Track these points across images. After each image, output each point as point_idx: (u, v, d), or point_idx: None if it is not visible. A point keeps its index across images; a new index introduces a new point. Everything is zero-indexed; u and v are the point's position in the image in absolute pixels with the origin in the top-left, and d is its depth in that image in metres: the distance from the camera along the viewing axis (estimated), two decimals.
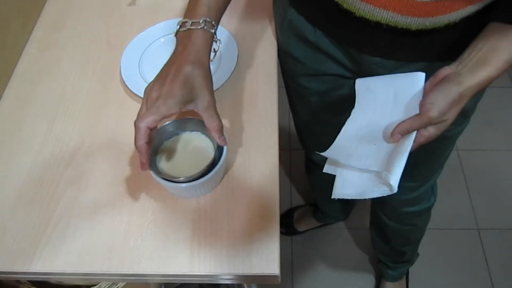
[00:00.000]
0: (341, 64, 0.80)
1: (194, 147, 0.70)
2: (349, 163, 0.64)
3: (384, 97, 0.66)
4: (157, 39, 0.90)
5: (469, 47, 0.60)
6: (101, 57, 0.88)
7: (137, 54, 0.87)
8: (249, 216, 0.67)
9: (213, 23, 0.66)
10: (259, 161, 0.73)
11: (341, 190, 0.65)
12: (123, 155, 0.74)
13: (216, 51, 0.69)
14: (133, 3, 0.98)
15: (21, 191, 0.71)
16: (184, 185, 0.65)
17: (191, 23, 0.64)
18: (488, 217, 1.65)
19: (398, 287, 1.49)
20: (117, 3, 0.98)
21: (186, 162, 0.68)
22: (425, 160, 0.92)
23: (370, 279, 1.55)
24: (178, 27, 0.66)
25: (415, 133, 0.61)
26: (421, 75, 0.63)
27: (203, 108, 0.63)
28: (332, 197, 0.65)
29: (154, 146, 0.67)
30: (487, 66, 0.58)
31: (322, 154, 0.66)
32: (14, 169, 0.73)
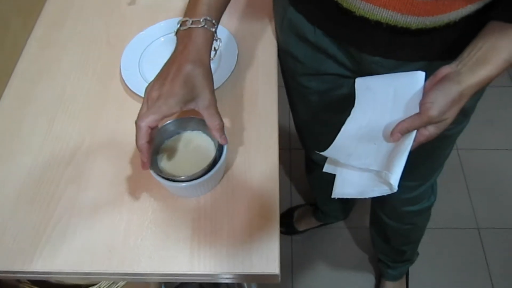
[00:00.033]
0: (341, 63, 0.80)
1: (195, 146, 0.70)
2: (349, 163, 0.64)
3: (384, 96, 0.66)
4: (157, 38, 0.90)
5: (469, 46, 0.60)
6: (101, 56, 0.88)
7: (137, 53, 0.87)
8: (249, 215, 0.67)
9: (214, 21, 0.66)
10: (259, 161, 0.73)
11: (341, 189, 0.65)
12: (123, 154, 0.74)
13: (216, 50, 0.69)
14: (133, 2, 0.98)
15: (21, 190, 0.71)
16: (184, 185, 0.65)
17: (191, 22, 0.64)
18: (488, 217, 1.65)
19: (398, 286, 1.49)
20: (117, 3, 0.98)
21: (187, 161, 0.68)
22: (425, 159, 0.92)
23: (370, 278, 1.55)
24: (178, 26, 0.66)
25: (415, 132, 0.61)
26: (421, 74, 0.63)
27: (204, 107, 0.63)
28: (332, 196, 0.65)
29: (155, 145, 0.67)
30: (487, 65, 0.58)
31: (322, 153, 0.66)
32: (14, 168, 0.73)
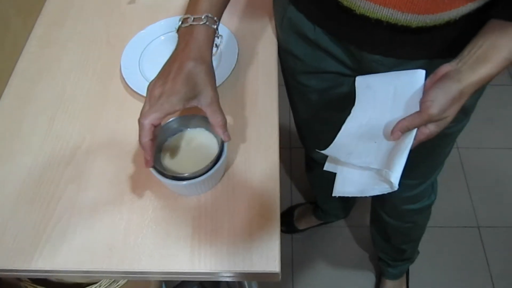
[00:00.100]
0: (341, 61, 0.80)
1: (198, 143, 0.70)
2: (350, 161, 0.64)
3: (384, 94, 0.66)
4: (157, 37, 0.90)
5: (469, 45, 0.60)
6: (101, 55, 0.88)
7: (137, 52, 0.87)
8: (249, 214, 0.67)
9: (215, 18, 0.66)
10: (260, 159, 0.73)
11: (342, 187, 0.65)
12: (124, 153, 0.74)
13: (218, 46, 0.68)
14: (133, 1, 0.98)
15: (21, 190, 0.71)
16: (184, 183, 0.65)
17: (193, 19, 0.64)
18: (488, 215, 1.65)
19: (398, 285, 1.49)
20: (117, 2, 0.98)
21: (190, 158, 0.68)
22: (425, 157, 0.92)
23: (370, 277, 1.55)
24: (180, 23, 0.66)
25: (415, 130, 0.61)
26: (421, 73, 0.63)
27: (207, 104, 0.63)
28: (332, 194, 0.65)
29: (157, 143, 0.67)
30: (487, 63, 0.58)
31: (322, 152, 0.66)
32: (14, 168, 0.73)
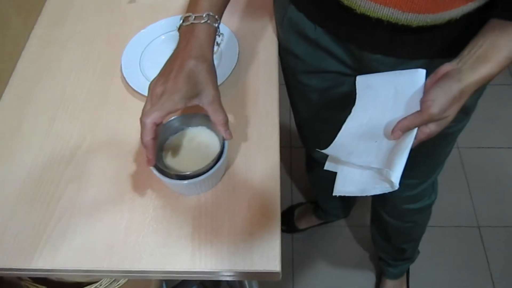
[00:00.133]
0: (341, 61, 0.80)
1: (199, 142, 0.70)
2: (350, 160, 0.64)
3: (384, 94, 0.66)
4: (158, 36, 0.90)
5: (470, 44, 0.60)
6: (101, 55, 0.88)
7: (138, 51, 0.87)
8: (250, 213, 0.67)
9: (216, 17, 0.66)
10: (260, 159, 0.73)
11: (342, 187, 0.65)
12: (124, 152, 0.74)
13: (219, 44, 0.68)
14: (133, 1, 0.98)
15: (21, 189, 0.71)
16: (185, 182, 0.65)
17: (194, 18, 0.64)
18: (488, 215, 1.65)
19: (398, 284, 1.49)
20: (117, 2, 0.98)
21: (191, 157, 0.68)
22: (426, 157, 0.92)
23: (370, 276, 1.55)
24: (181, 21, 0.66)
25: (416, 130, 0.61)
26: (422, 72, 0.63)
27: (208, 102, 0.63)
28: (333, 194, 0.65)
29: (159, 141, 0.67)
30: (488, 62, 0.58)
31: (323, 151, 0.66)
32: (14, 167, 0.74)
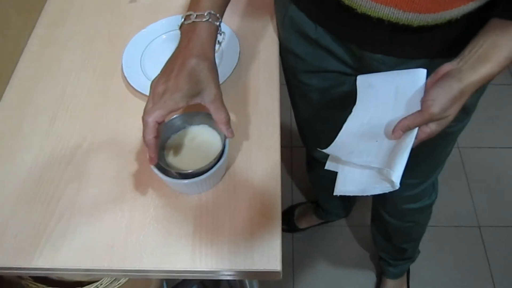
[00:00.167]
0: (342, 61, 0.80)
1: (201, 140, 0.70)
2: (351, 160, 0.64)
3: (385, 93, 0.66)
4: (159, 35, 0.90)
5: (470, 44, 0.60)
6: (102, 54, 0.88)
7: (138, 51, 0.87)
8: (250, 213, 0.67)
9: (218, 15, 0.66)
10: (261, 158, 0.73)
11: (343, 186, 0.65)
12: (124, 152, 0.74)
13: (220, 43, 0.69)
14: (134, 0, 0.98)
15: (22, 189, 0.71)
16: (186, 182, 0.65)
17: (195, 16, 0.64)
18: (489, 215, 1.65)
19: (398, 284, 1.49)
20: (118, 1, 0.98)
21: (193, 155, 0.68)
22: (426, 156, 0.92)
23: (371, 276, 1.55)
24: (182, 20, 0.66)
25: (416, 129, 0.61)
26: (422, 72, 0.63)
27: (210, 101, 0.63)
28: (334, 193, 0.65)
29: (160, 140, 0.67)
30: (488, 62, 0.58)
31: (323, 151, 0.66)
32: (14, 167, 0.74)
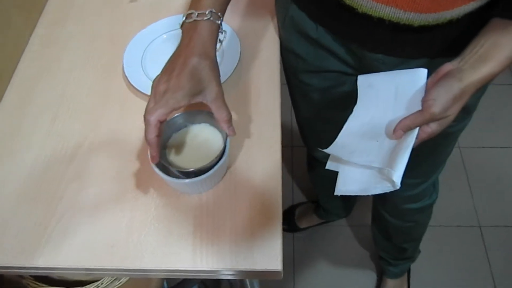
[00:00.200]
0: (343, 60, 0.80)
1: (203, 139, 0.70)
2: (352, 160, 0.64)
3: (386, 93, 0.66)
4: (160, 35, 0.90)
5: (471, 43, 0.60)
6: (103, 54, 0.89)
7: (139, 50, 0.87)
8: (251, 212, 0.67)
9: (219, 14, 0.66)
10: (262, 158, 0.73)
11: (344, 186, 0.65)
12: (126, 151, 0.74)
13: (222, 41, 0.69)
14: (135, 0, 0.98)
15: (23, 188, 0.71)
16: (187, 181, 0.65)
17: (197, 14, 0.64)
18: (489, 214, 1.65)
19: (399, 284, 1.49)
20: (119, 0, 0.98)
21: (195, 154, 0.68)
22: (427, 156, 0.92)
23: (371, 276, 1.55)
24: (184, 18, 0.66)
25: (417, 129, 0.61)
26: (423, 72, 0.63)
27: (212, 99, 0.64)
28: (334, 193, 0.65)
29: (162, 139, 0.67)
30: (489, 62, 0.58)
31: (324, 150, 0.66)
32: (16, 166, 0.74)
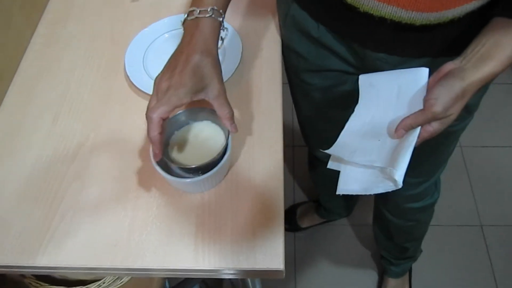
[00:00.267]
0: (344, 59, 0.80)
1: (205, 136, 0.70)
2: (353, 159, 0.64)
3: (387, 93, 0.66)
4: (161, 34, 0.90)
5: (473, 42, 0.60)
6: (105, 53, 0.89)
7: (141, 49, 0.87)
8: (253, 211, 0.67)
9: (221, 11, 0.66)
10: (263, 158, 0.73)
11: (346, 186, 0.65)
12: (127, 150, 0.75)
13: (223, 39, 0.69)
14: None
15: (25, 187, 0.71)
16: (188, 181, 0.65)
17: (199, 12, 0.65)
18: (491, 214, 1.65)
19: (400, 283, 1.49)
20: (120, 0, 0.98)
21: (197, 151, 0.69)
22: (429, 155, 0.92)
23: (372, 275, 1.55)
24: (185, 16, 0.66)
25: (419, 128, 0.61)
26: (425, 71, 0.63)
27: (214, 96, 0.64)
28: (336, 193, 0.65)
29: (164, 136, 0.67)
30: (491, 61, 0.58)
31: (326, 151, 0.66)
32: (18, 165, 0.74)
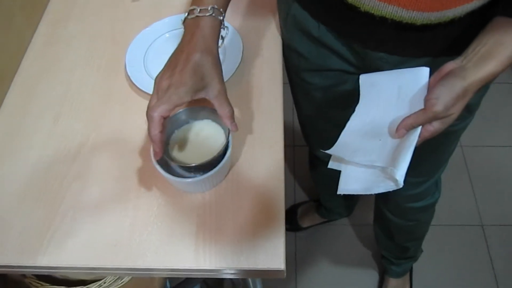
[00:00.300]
0: (345, 59, 0.80)
1: (205, 135, 0.71)
2: (354, 159, 0.64)
3: (388, 92, 0.66)
4: (162, 34, 0.90)
5: (474, 42, 0.60)
6: (106, 53, 0.89)
7: (142, 49, 0.87)
8: (254, 211, 0.67)
9: (221, 10, 0.66)
10: (264, 157, 0.73)
11: (346, 185, 0.65)
12: (128, 150, 0.75)
13: (224, 38, 0.69)
14: None
15: (26, 186, 0.71)
16: (189, 181, 0.65)
17: (199, 10, 0.65)
18: (491, 214, 1.65)
19: (401, 283, 1.49)
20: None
21: (197, 150, 0.69)
22: (430, 155, 0.92)
23: (373, 275, 1.55)
24: (186, 14, 0.66)
25: (420, 128, 0.61)
26: (426, 70, 0.63)
27: (214, 95, 0.64)
28: (337, 192, 0.65)
29: (165, 135, 0.67)
30: (492, 60, 0.58)
31: (327, 152, 0.66)
32: (19, 165, 0.74)
